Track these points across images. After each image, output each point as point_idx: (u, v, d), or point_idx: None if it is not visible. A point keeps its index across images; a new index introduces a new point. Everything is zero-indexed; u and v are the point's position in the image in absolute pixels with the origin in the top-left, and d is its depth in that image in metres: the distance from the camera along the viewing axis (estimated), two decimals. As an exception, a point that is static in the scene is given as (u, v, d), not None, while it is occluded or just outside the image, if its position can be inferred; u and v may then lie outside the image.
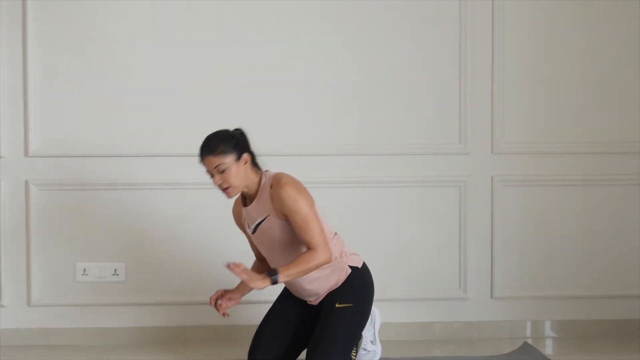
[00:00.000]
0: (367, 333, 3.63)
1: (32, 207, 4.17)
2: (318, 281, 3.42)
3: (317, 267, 3.26)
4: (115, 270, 4.18)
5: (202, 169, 3.70)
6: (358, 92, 4.35)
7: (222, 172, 3.29)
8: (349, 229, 4.10)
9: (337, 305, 3.37)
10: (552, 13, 4.35)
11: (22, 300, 4.20)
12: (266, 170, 3.42)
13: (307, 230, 3.27)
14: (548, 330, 4.32)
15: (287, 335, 3.48)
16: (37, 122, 4.22)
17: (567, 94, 4.36)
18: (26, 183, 4.16)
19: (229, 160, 3.29)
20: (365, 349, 3.63)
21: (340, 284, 3.48)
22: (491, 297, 4.32)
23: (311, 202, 3.33)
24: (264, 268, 3.44)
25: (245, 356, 3.48)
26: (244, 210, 3.37)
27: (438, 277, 4.34)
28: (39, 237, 4.19)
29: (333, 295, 3.45)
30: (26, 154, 4.15)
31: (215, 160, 3.26)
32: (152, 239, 4.24)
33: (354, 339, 3.47)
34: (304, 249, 3.36)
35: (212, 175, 3.30)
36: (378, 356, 3.65)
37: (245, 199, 3.41)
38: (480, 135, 4.31)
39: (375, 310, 3.67)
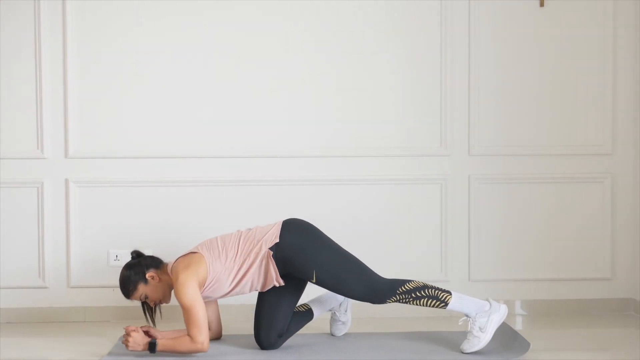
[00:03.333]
0: (480, 319, 3.56)
1: (71, 201, 4.34)
2: (255, 282, 3.58)
3: (187, 353, 3.45)
4: (143, 256, 4.31)
5: (218, 170, 4.19)
6: (357, 105, 4.43)
7: (147, 298, 3.61)
8: (347, 221, 4.43)
9: (313, 282, 3.57)
10: (521, 29, 4.44)
11: (63, 282, 4.37)
12: (167, 264, 3.65)
13: (189, 323, 3.43)
14: (518, 309, 4.47)
15: (276, 314, 3.66)
16: (75, 127, 4.35)
17: (534, 104, 4.47)
18: (66, 181, 4.35)
19: (141, 290, 3.59)
20: (473, 335, 3.56)
21: (277, 269, 3.57)
22: (468, 279, 4.48)
23: (192, 296, 3.41)
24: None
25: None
26: None
27: (423, 262, 4.45)
28: (77, 227, 4.37)
29: (299, 274, 3.57)
30: (66, 155, 4.34)
31: (134, 298, 3.61)
32: (175, 229, 4.39)
33: (347, 274, 3.54)
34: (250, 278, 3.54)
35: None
36: (480, 345, 3.54)
37: None
38: (458, 140, 4.46)
39: (502, 307, 3.59)
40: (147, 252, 4.14)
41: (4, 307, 4.33)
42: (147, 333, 3.66)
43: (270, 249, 3.55)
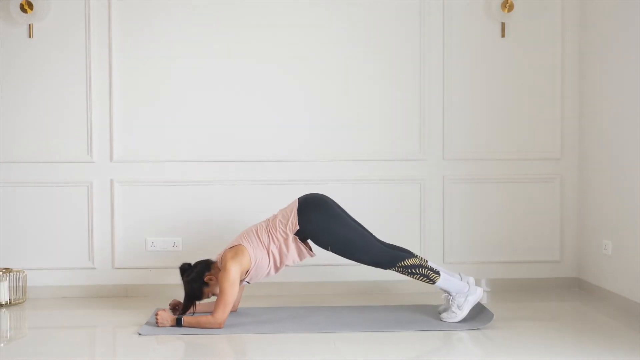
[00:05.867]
0: (459, 298, 3.84)
1: (115, 198, 4.66)
2: (295, 258, 3.92)
3: (207, 328, 3.75)
4: (175, 242, 4.64)
5: (235, 171, 4.44)
6: (357, 121, 4.69)
7: (213, 295, 3.93)
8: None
9: (329, 250, 3.94)
10: (486, 55, 4.75)
11: (108, 264, 4.67)
12: (215, 261, 3.92)
13: (218, 301, 3.77)
14: (484, 286, 4.76)
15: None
16: (118, 137, 4.64)
17: (497, 117, 4.77)
18: (111, 181, 4.67)
19: (206, 293, 3.91)
20: (451, 310, 3.88)
21: (308, 247, 3.89)
22: (443, 262, 4.77)
23: (232, 282, 3.72)
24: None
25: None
26: None
27: (405, 247, 4.29)
28: (120, 219, 4.67)
29: (318, 244, 3.91)
30: (111, 160, 4.65)
31: (204, 299, 3.94)
32: (201, 220, 4.65)
33: (356, 247, 3.83)
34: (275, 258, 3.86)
35: None
36: (456, 320, 3.85)
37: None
38: (434, 147, 4.76)
39: (478, 289, 3.89)
40: (177, 239, 4.58)
41: (60, 285, 4.67)
42: (178, 305, 4.06)
43: (295, 234, 3.91)
